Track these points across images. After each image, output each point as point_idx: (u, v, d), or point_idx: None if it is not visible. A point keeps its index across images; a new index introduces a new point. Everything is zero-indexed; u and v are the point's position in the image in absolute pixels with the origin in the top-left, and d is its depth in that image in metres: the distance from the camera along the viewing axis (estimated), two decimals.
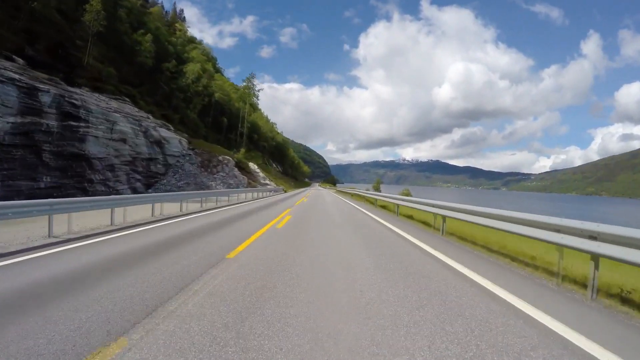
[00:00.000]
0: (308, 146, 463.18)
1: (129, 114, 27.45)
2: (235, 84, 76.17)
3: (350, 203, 20.20)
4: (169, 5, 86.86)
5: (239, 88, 70.38)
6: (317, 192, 41.18)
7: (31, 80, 19.66)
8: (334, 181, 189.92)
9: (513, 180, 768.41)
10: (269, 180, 48.36)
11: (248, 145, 63.61)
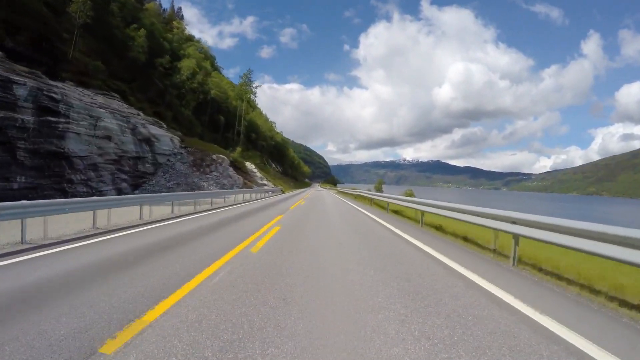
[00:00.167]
0: (308, 146, 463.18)
1: (116, 109, 25.85)
2: (234, 83, 74.59)
3: (355, 206, 17.36)
4: (167, 4, 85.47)
5: (236, 86, 68.80)
6: (317, 193, 39.24)
7: (6, 72, 18.16)
8: (334, 181, 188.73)
9: (514, 180, 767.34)
10: (267, 180, 46.79)
11: (246, 145, 61.96)
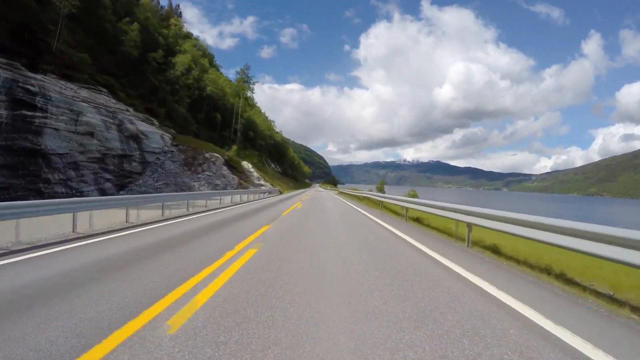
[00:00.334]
0: (309, 147, 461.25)
1: (102, 104, 24.26)
2: (232, 80, 72.87)
3: (361, 211, 14.47)
4: (165, 1, 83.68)
5: (233, 83, 67.08)
6: (317, 194, 37.23)
7: None
8: (334, 182, 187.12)
9: (514, 180, 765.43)
10: (265, 180, 45.16)
11: (243, 144, 60.27)
